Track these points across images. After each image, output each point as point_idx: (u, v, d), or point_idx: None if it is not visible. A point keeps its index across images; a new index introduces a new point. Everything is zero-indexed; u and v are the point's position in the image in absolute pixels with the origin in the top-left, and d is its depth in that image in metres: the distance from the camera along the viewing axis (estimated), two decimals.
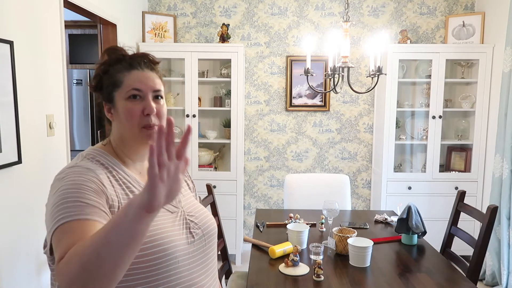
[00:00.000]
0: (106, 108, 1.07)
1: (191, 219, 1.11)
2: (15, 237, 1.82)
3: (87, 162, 1.00)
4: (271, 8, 3.72)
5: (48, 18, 2.06)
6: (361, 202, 3.92)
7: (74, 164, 0.99)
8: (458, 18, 3.56)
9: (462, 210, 2.22)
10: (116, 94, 1.04)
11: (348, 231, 1.98)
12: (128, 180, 1.03)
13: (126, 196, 0.99)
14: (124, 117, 1.02)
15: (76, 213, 0.85)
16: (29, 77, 1.91)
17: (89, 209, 0.87)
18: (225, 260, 2.31)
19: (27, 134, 1.89)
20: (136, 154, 1.09)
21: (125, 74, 1.03)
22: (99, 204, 0.90)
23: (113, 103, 1.05)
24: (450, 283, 1.66)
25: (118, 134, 1.07)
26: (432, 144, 3.48)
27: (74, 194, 0.89)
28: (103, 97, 1.07)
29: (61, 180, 0.94)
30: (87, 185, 0.91)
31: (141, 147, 1.08)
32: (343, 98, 3.80)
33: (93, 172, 0.96)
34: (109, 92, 1.05)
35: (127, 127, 1.03)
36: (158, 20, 3.62)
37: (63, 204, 0.87)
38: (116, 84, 1.03)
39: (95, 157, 1.03)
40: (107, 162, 1.03)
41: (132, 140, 1.05)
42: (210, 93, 3.80)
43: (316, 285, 1.63)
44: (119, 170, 1.03)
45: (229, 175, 3.54)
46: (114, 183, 0.99)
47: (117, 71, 1.04)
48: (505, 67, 3.03)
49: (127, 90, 1.02)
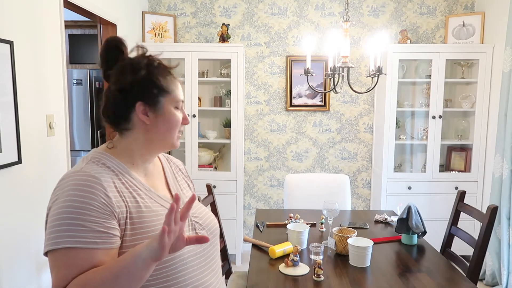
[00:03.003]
0: (140, 110, 1.01)
1: (196, 220, 1.12)
2: (15, 237, 1.82)
3: (93, 166, 0.98)
4: (271, 8, 3.72)
5: (48, 18, 2.06)
6: (361, 202, 3.92)
7: (79, 169, 0.97)
8: (458, 18, 3.56)
9: (462, 210, 2.22)
10: (164, 100, 1.04)
11: (348, 231, 1.98)
12: (135, 184, 1.03)
13: (133, 199, 0.99)
14: (170, 124, 1.05)
15: (75, 239, 0.88)
16: (29, 77, 1.91)
17: (91, 234, 0.89)
18: (225, 260, 2.31)
19: (27, 134, 1.89)
20: (151, 157, 1.11)
21: (172, 81, 1.06)
22: (101, 226, 0.90)
23: (157, 108, 1.03)
24: (450, 283, 1.66)
25: (145, 138, 1.05)
26: (432, 144, 3.48)
27: (77, 214, 0.89)
28: (143, 98, 1.01)
29: (65, 188, 0.93)
30: (92, 203, 0.90)
31: (163, 151, 1.12)
32: (343, 98, 3.80)
33: (98, 181, 0.94)
34: (154, 96, 1.02)
35: (168, 133, 1.06)
36: (158, 20, 3.62)
37: (65, 222, 0.89)
38: (166, 90, 1.04)
39: (101, 160, 1.01)
40: (114, 165, 1.02)
41: (163, 145, 1.08)
42: (210, 93, 3.80)
43: (316, 285, 1.63)
44: (125, 174, 1.02)
45: (229, 175, 3.54)
46: (121, 187, 0.98)
47: (162, 76, 1.04)
48: (505, 67, 3.03)
49: (177, 99, 1.06)
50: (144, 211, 0.99)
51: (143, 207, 1.00)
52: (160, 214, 1.02)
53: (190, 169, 3.52)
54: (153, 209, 1.02)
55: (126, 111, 1.02)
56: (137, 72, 1.01)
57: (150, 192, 1.05)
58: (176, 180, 1.21)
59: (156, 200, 1.05)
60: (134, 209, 0.98)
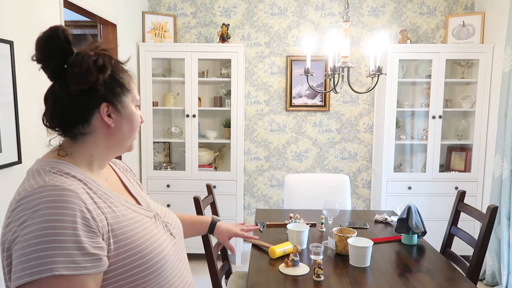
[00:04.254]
0: (105, 112, 0.91)
1: (166, 221, 1.09)
2: None
3: (58, 177, 0.84)
4: (271, 8, 3.72)
5: (48, 18, 2.06)
6: (361, 202, 3.92)
7: (43, 183, 0.81)
8: (458, 18, 3.56)
9: (462, 210, 2.22)
10: (126, 100, 0.95)
11: (348, 231, 1.98)
12: (104, 192, 0.91)
13: (110, 209, 0.89)
14: (133, 125, 0.98)
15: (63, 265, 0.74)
16: (29, 77, 1.91)
17: (80, 258, 0.77)
18: (225, 260, 2.31)
19: (27, 134, 1.89)
20: (108, 161, 1.02)
21: (130, 79, 0.98)
22: (89, 247, 0.79)
23: (121, 108, 0.94)
24: (450, 283, 1.66)
25: (105, 142, 0.95)
26: (432, 144, 3.48)
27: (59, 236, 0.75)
28: (108, 99, 0.91)
29: (34, 208, 0.77)
30: (75, 221, 0.78)
31: (120, 154, 1.04)
32: (343, 98, 3.80)
33: (75, 194, 0.81)
34: (117, 95, 0.93)
35: (130, 135, 0.98)
36: (158, 20, 3.62)
37: (45, 247, 0.74)
38: (127, 88, 0.96)
39: (63, 169, 0.87)
40: (79, 174, 0.88)
41: (122, 148, 1.00)
42: (210, 93, 3.80)
43: (316, 285, 1.63)
44: (92, 183, 0.90)
45: (229, 175, 3.54)
46: (95, 197, 0.87)
47: (123, 74, 0.96)
48: (505, 67, 3.03)
49: (136, 98, 0.99)
50: (123, 220, 0.90)
51: (120, 216, 0.90)
52: (138, 221, 0.94)
53: (190, 169, 3.52)
54: (130, 217, 0.93)
55: (86, 113, 0.90)
56: (103, 69, 0.89)
57: (119, 199, 0.95)
58: (130, 182, 1.11)
59: (128, 207, 0.96)
60: (113, 220, 0.87)
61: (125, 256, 0.86)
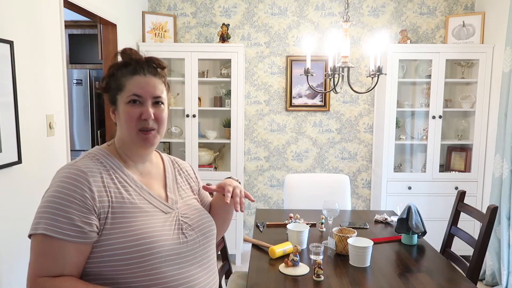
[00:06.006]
0: (110, 110, 1.13)
1: (185, 221, 1.14)
2: (15, 237, 1.81)
3: (87, 161, 1.06)
4: (271, 8, 3.72)
5: (48, 18, 2.06)
6: (361, 202, 3.92)
7: (73, 163, 1.05)
8: (458, 18, 3.56)
9: (462, 210, 2.22)
10: (119, 98, 1.09)
11: (348, 231, 1.98)
12: (125, 180, 1.08)
13: (119, 194, 1.04)
14: (123, 120, 1.08)
15: (51, 228, 0.95)
16: (29, 77, 1.91)
17: (67, 226, 0.95)
18: (225, 260, 2.31)
19: (27, 134, 1.89)
20: (137, 156, 1.14)
21: (128, 78, 1.08)
22: (78, 220, 0.96)
23: (116, 105, 1.10)
24: (450, 283, 1.66)
25: (120, 136, 1.13)
26: (432, 144, 3.48)
27: (60, 205, 0.96)
28: (108, 99, 1.12)
29: (56, 179, 1.01)
30: (74, 196, 0.97)
31: (139, 150, 1.12)
32: (343, 98, 3.80)
33: (85, 175, 1.01)
34: (113, 95, 1.10)
35: (126, 130, 1.09)
36: (158, 20, 3.62)
37: (48, 211, 0.96)
38: (120, 88, 1.09)
39: (96, 155, 1.09)
40: (108, 162, 1.08)
41: (131, 142, 1.11)
42: (210, 93, 3.80)
43: (316, 285, 1.63)
44: (117, 171, 1.08)
45: (229, 175, 3.53)
46: (108, 182, 1.04)
47: (122, 75, 1.09)
48: (505, 67, 3.03)
49: (128, 94, 1.08)
50: (128, 206, 1.04)
51: (127, 202, 1.04)
52: (146, 211, 1.06)
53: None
54: (139, 206, 1.06)
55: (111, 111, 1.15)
56: (104, 77, 1.13)
57: (142, 190, 1.10)
58: (176, 182, 1.23)
59: (145, 198, 1.09)
60: (117, 203, 1.02)
61: (117, 236, 0.99)
